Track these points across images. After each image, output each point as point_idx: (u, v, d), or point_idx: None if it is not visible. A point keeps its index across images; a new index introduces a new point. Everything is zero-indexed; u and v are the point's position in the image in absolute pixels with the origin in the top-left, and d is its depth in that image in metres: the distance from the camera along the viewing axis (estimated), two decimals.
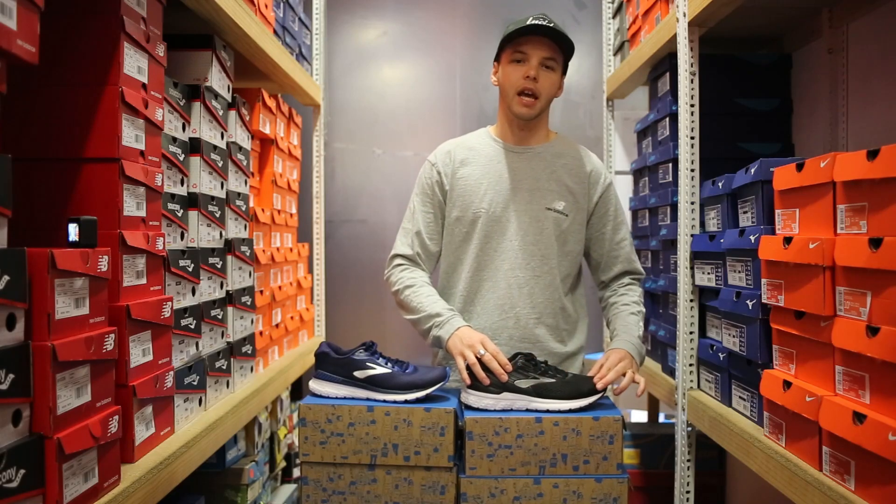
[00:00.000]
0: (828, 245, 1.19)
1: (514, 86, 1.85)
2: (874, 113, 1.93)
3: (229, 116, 1.88)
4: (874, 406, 1.09)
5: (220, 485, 2.12)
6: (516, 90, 1.84)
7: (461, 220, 1.92)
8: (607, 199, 1.96)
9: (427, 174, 1.97)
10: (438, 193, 1.95)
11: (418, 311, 1.84)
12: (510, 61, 1.85)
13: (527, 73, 1.82)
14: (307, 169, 3.02)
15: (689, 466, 1.91)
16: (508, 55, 1.86)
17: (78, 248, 1.10)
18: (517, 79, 1.84)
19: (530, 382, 1.62)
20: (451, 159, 1.95)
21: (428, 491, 1.58)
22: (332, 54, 3.73)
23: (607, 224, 1.96)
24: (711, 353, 1.76)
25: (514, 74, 1.84)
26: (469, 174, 1.93)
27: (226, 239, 1.83)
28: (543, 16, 1.83)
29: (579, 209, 1.92)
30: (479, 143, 1.98)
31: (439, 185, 1.95)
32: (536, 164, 1.92)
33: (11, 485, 0.92)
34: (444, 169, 1.95)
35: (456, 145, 1.99)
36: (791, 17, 2.14)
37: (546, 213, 1.89)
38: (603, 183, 1.95)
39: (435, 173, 1.95)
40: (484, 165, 1.93)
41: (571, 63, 1.94)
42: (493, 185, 1.91)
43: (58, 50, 1.26)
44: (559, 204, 1.90)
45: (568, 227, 1.91)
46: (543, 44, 1.82)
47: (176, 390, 1.47)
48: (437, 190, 1.95)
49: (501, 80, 1.90)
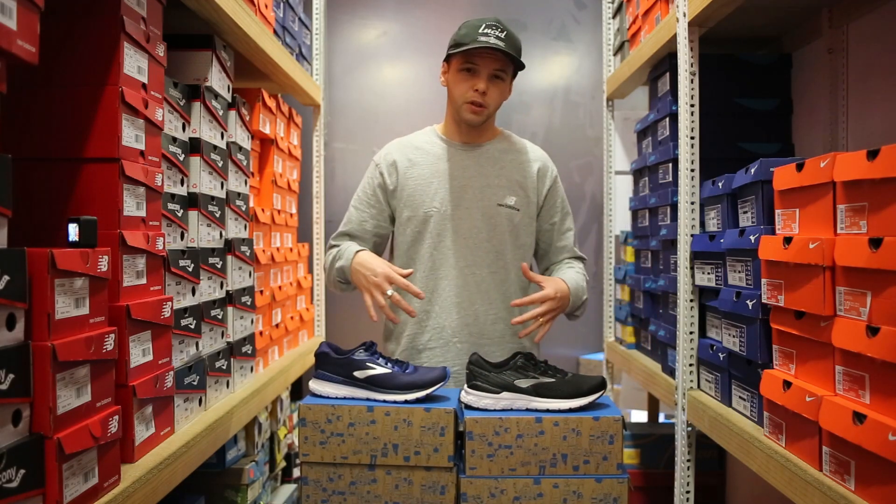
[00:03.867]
0: (828, 245, 1.19)
1: (463, 96, 1.86)
2: (874, 113, 1.93)
3: (229, 116, 1.88)
4: (874, 406, 1.09)
5: (220, 485, 2.12)
6: (463, 101, 1.86)
7: (412, 220, 1.93)
8: (555, 191, 2.00)
9: (371, 176, 2.00)
10: (380, 195, 1.97)
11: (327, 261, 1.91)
12: (460, 69, 1.85)
13: (475, 87, 1.83)
14: (307, 169, 3.02)
15: (689, 466, 1.91)
16: (458, 62, 1.85)
17: (78, 248, 1.10)
18: (466, 90, 1.85)
19: (530, 382, 1.62)
20: (397, 160, 1.96)
21: (428, 491, 1.58)
22: (332, 54, 3.73)
23: (556, 215, 2.00)
24: (711, 353, 1.76)
25: (464, 86, 1.85)
26: (418, 174, 1.94)
27: (226, 239, 1.83)
28: (496, 23, 1.82)
29: (529, 203, 1.95)
30: (427, 142, 1.99)
31: (382, 188, 1.97)
32: (485, 162, 1.95)
33: (11, 485, 0.92)
34: (389, 170, 1.96)
35: (403, 145, 2.00)
36: (791, 17, 2.14)
37: (498, 210, 1.92)
38: (551, 176, 1.99)
39: (378, 175, 1.97)
40: (432, 164, 1.95)
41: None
42: (443, 183, 1.92)
43: (58, 50, 1.26)
44: (510, 199, 1.92)
45: (520, 222, 1.94)
46: (494, 57, 1.82)
47: (176, 390, 1.47)
48: (378, 192, 1.97)
49: (450, 86, 1.90)
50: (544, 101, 3.72)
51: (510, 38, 1.82)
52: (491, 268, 1.92)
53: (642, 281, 2.39)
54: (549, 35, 3.72)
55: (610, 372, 3.05)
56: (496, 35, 1.79)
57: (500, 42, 1.79)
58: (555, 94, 3.72)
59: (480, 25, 1.81)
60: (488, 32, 1.79)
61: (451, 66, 1.89)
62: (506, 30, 1.82)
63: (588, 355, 3.64)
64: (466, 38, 1.81)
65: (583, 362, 3.62)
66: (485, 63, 1.82)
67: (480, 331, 1.92)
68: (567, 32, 3.73)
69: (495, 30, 1.80)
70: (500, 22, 1.83)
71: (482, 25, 1.81)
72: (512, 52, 1.80)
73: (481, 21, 1.82)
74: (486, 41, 1.78)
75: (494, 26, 1.81)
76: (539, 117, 3.71)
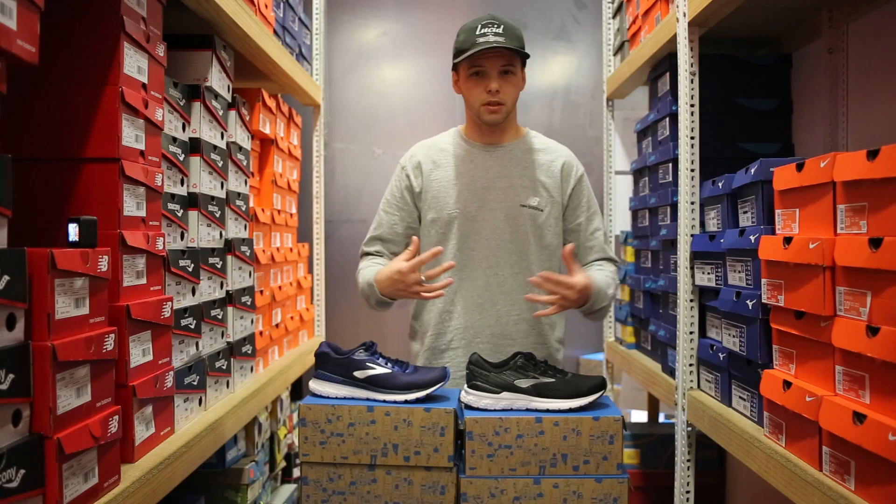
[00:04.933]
0: (828, 245, 1.19)
1: (477, 100, 1.86)
2: (874, 113, 1.93)
3: (229, 116, 1.88)
4: (874, 406, 1.09)
5: (220, 485, 2.12)
6: (480, 103, 1.86)
7: (437, 222, 1.93)
8: (580, 190, 1.97)
9: (397, 178, 2.00)
10: (408, 197, 1.97)
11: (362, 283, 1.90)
12: (469, 75, 1.86)
13: (488, 88, 1.83)
14: (307, 169, 3.02)
15: (689, 466, 1.91)
16: (466, 68, 1.85)
17: (78, 248, 1.10)
18: (480, 93, 1.85)
19: (530, 382, 1.62)
20: (422, 162, 1.97)
21: (428, 491, 1.58)
22: (332, 54, 3.73)
23: (581, 216, 1.97)
24: (711, 353, 1.76)
25: (476, 90, 1.85)
26: (442, 176, 1.94)
27: (226, 239, 1.83)
28: (491, 21, 1.81)
29: (554, 203, 1.94)
30: (451, 143, 1.99)
31: (409, 190, 1.97)
32: (508, 162, 1.94)
33: (11, 485, 0.92)
34: (415, 172, 1.96)
35: (427, 147, 2.00)
36: (791, 17, 2.14)
37: (521, 210, 1.91)
38: (575, 175, 1.97)
39: (405, 177, 1.98)
40: (456, 166, 1.94)
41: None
42: (467, 185, 1.92)
43: (58, 50, 1.26)
44: (533, 200, 1.91)
45: (544, 222, 1.92)
46: (498, 54, 1.81)
47: (176, 390, 1.47)
48: (406, 195, 1.97)
49: (464, 93, 1.91)
50: (544, 101, 3.72)
51: (508, 31, 1.81)
52: (514, 269, 1.90)
53: (642, 281, 2.39)
54: (549, 35, 3.72)
55: (610, 372, 3.05)
56: (494, 32, 1.79)
57: (499, 38, 1.78)
58: (555, 94, 3.72)
59: (476, 27, 1.81)
60: (486, 32, 1.79)
61: (460, 75, 1.89)
62: (502, 24, 1.81)
63: (588, 355, 3.64)
64: (467, 44, 1.81)
65: (583, 362, 3.62)
66: (490, 63, 1.82)
67: (503, 331, 1.91)
68: (567, 32, 3.73)
69: (492, 27, 1.80)
70: (496, 17, 1.83)
71: (478, 27, 1.81)
72: (514, 46, 1.79)
73: (476, 22, 1.82)
74: (485, 42, 1.78)
75: (490, 24, 1.80)
76: (539, 117, 3.71)
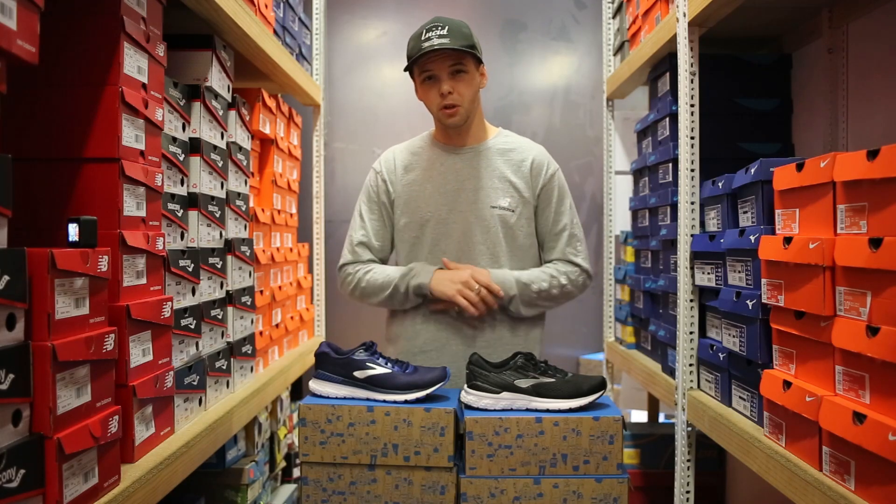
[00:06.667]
0: (828, 245, 1.19)
1: (434, 105, 1.88)
2: (874, 113, 1.93)
3: (229, 116, 1.88)
4: (874, 406, 1.09)
5: (220, 485, 2.12)
6: (437, 108, 1.87)
7: (410, 226, 1.95)
8: (550, 189, 1.96)
9: (373, 182, 2.01)
10: (385, 200, 1.98)
11: (389, 281, 1.89)
12: (422, 81, 1.88)
13: (440, 92, 1.85)
14: (307, 169, 3.02)
15: (689, 466, 1.91)
16: (418, 76, 1.88)
17: (78, 248, 1.10)
18: (435, 98, 1.87)
19: (530, 382, 1.62)
20: (395, 166, 1.98)
21: (428, 491, 1.58)
22: (332, 54, 3.73)
23: (549, 215, 1.97)
24: (711, 353, 1.76)
25: (430, 95, 1.87)
26: (414, 179, 1.96)
27: (226, 239, 1.83)
28: (435, 24, 1.82)
29: (525, 203, 1.94)
30: (422, 147, 2.00)
31: (385, 193, 1.98)
32: (478, 163, 1.94)
33: (11, 485, 0.92)
34: (389, 176, 1.98)
35: (400, 151, 2.02)
36: (791, 17, 2.14)
37: (491, 212, 1.92)
38: (546, 173, 1.96)
39: (380, 181, 1.99)
40: (427, 170, 1.96)
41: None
42: (438, 188, 1.93)
43: (58, 50, 1.26)
44: (504, 201, 1.92)
45: (515, 223, 1.93)
46: (444, 55, 1.82)
47: (176, 390, 1.47)
48: (383, 197, 1.98)
49: (421, 99, 1.92)
50: (544, 101, 3.72)
51: (453, 30, 1.81)
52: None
53: (642, 281, 2.39)
54: (549, 35, 3.72)
55: (610, 372, 3.05)
56: (438, 34, 1.80)
57: (443, 40, 1.79)
58: (555, 94, 3.72)
59: (422, 33, 1.83)
60: (430, 36, 1.80)
61: (415, 81, 1.92)
62: (447, 24, 1.82)
63: (588, 355, 3.64)
64: (413, 50, 1.83)
65: (583, 362, 3.62)
66: (438, 66, 1.83)
67: (474, 333, 1.93)
68: (567, 32, 3.73)
69: (436, 30, 1.80)
70: (441, 19, 1.84)
71: (423, 32, 1.82)
72: (458, 46, 1.79)
73: (422, 28, 1.84)
74: (429, 45, 1.79)
75: (434, 27, 1.81)
76: (539, 117, 3.71)
